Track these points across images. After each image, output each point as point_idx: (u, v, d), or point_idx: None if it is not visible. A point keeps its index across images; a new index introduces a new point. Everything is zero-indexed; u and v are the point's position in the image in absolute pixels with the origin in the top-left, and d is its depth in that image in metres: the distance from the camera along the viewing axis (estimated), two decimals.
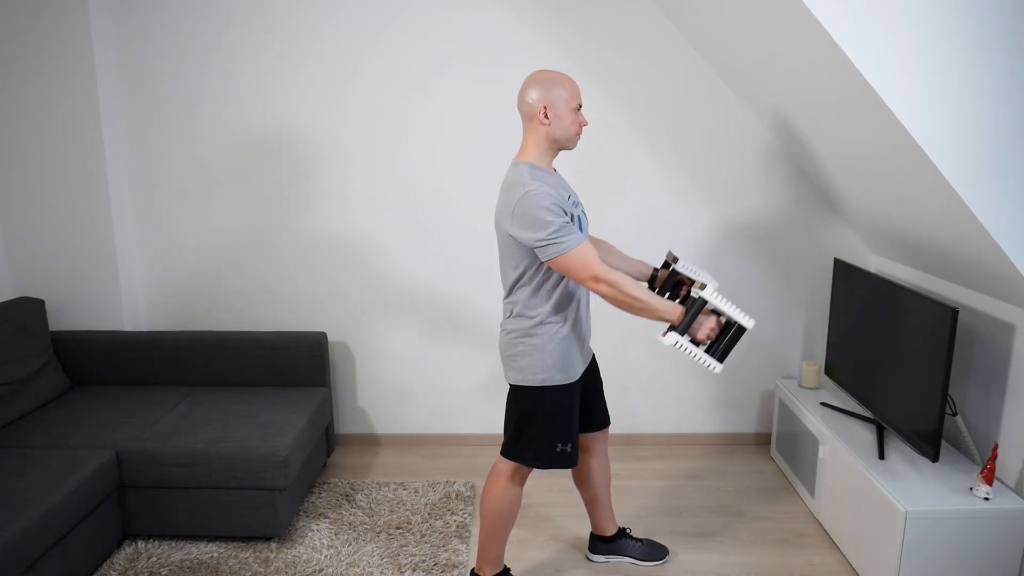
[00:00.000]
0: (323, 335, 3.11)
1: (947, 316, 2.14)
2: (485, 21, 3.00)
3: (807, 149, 2.85)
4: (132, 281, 3.22)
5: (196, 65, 3.05)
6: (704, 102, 3.09)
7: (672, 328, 1.91)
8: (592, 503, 2.43)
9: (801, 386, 3.12)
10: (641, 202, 3.18)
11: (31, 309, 2.93)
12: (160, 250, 3.23)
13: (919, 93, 1.87)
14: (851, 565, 2.46)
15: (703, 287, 1.91)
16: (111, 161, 3.05)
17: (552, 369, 2.04)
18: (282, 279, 3.26)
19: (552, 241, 1.85)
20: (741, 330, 1.91)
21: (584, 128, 2.14)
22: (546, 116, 1.93)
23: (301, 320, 3.29)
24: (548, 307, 2.01)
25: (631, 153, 3.14)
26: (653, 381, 3.36)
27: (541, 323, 2.01)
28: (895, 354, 2.46)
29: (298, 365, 3.07)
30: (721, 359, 1.91)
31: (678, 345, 1.88)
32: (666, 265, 2.27)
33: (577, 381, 2.10)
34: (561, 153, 2.10)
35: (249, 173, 3.16)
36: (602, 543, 2.48)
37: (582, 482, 2.40)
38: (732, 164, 3.15)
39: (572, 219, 1.93)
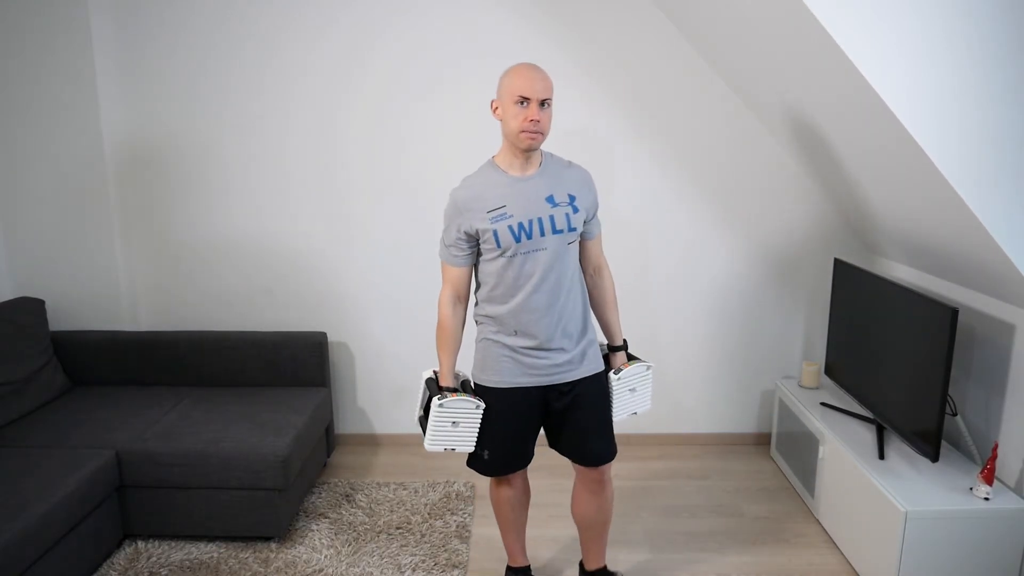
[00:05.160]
0: (323, 335, 3.11)
1: (947, 316, 2.14)
2: (485, 23, 3.00)
3: (806, 149, 2.85)
4: (132, 281, 3.22)
5: (196, 65, 3.05)
6: (704, 102, 3.09)
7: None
8: (579, 531, 2.28)
9: (801, 386, 3.12)
10: (641, 202, 3.18)
11: (31, 309, 2.93)
12: (160, 250, 3.23)
13: (919, 93, 1.87)
14: (851, 565, 2.46)
15: (441, 395, 2.00)
16: (111, 161, 3.05)
17: (478, 367, 2.07)
18: (282, 279, 3.26)
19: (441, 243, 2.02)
20: (423, 419, 2.06)
21: (533, 126, 1.84)
22: (496, 111, 1.91)
23: (301, 320, 3.29)
24: (480, 305, 2.05)
25: (631, 153, 3.14)
26: (652, 381, 3.35)
27: (477, 319, 2.08)
28: (895, 354, 2.46)
29: (298, 365, 3.07)
30: (424, 436, 2.02)
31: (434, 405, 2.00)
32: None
33: (521, 392, 2.00)
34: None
35: (249, 173, 3.16)
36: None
37: (572, 509, 2.27)
38: (732, 164, 3.14)
39: (471, 236, 1.92)
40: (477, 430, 2.02)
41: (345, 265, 3.24)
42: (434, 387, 2.05)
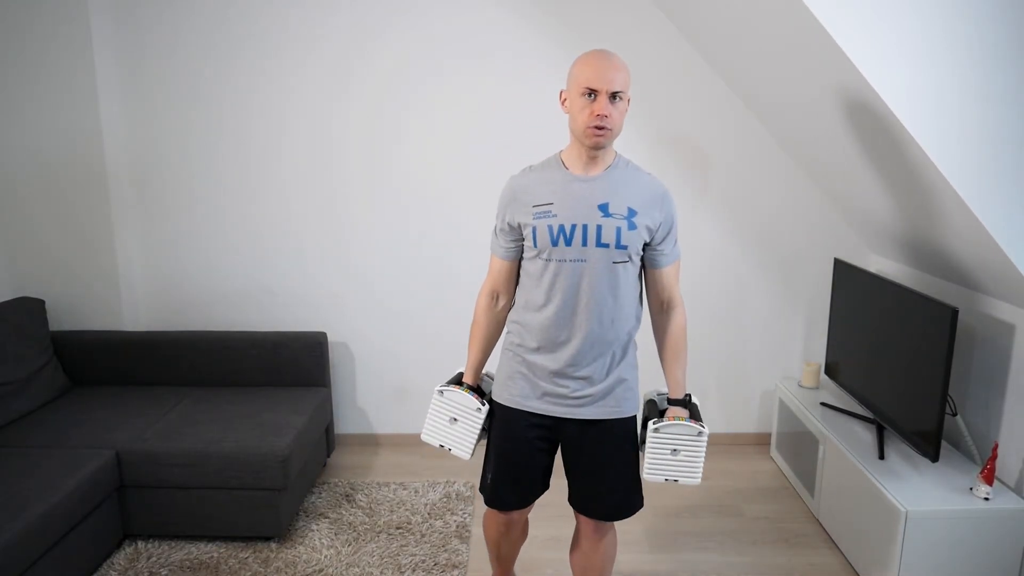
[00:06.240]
0: (323, 335, 3.11)
1: (947, 316, 2.14)
2: (485, 23, 3.00)
3: (807, 149, 2.85)
4: (132, 281, 3.22)
5: (196, 65, 3.05)
6: (704, 102, 3.09)
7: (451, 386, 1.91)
8: None
9: (801, 386, 3.12)
10: None
11: (31, 309, 2.93)
12: (160, 250, 3.23)
13: (919, 93, 1.87)
14: (851, 565, 2.46)
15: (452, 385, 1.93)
16: (111, 160, 3.05)
17: (497, 380, 1.90)
18: (282, 279, 3.26)
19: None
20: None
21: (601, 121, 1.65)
22: (564, 104, 1.74)
23: (301, 320, 3.29)
24: (515, 308, 1.88)
25: (629, 152, 3.12)
26: (652, 380, 3.35)
27: (508, 324, 1.90)
28: (895, 354, 2.46)
29: (298, 365, 3.07)
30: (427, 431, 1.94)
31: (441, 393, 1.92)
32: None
33: (530, 417, 1.83)
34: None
35: (249, 173, 3.16)
36: None
37: (569, 553, 2.07)
38: (732, 164, 3.15)
39: (514, 229, 1.78)
40: (475, 435, 1.88)
41: (345, 265, 3.24)
42: (455, 378, 1.96)
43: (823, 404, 2.91)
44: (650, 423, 1.83)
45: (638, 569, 2.47)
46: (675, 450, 1.82)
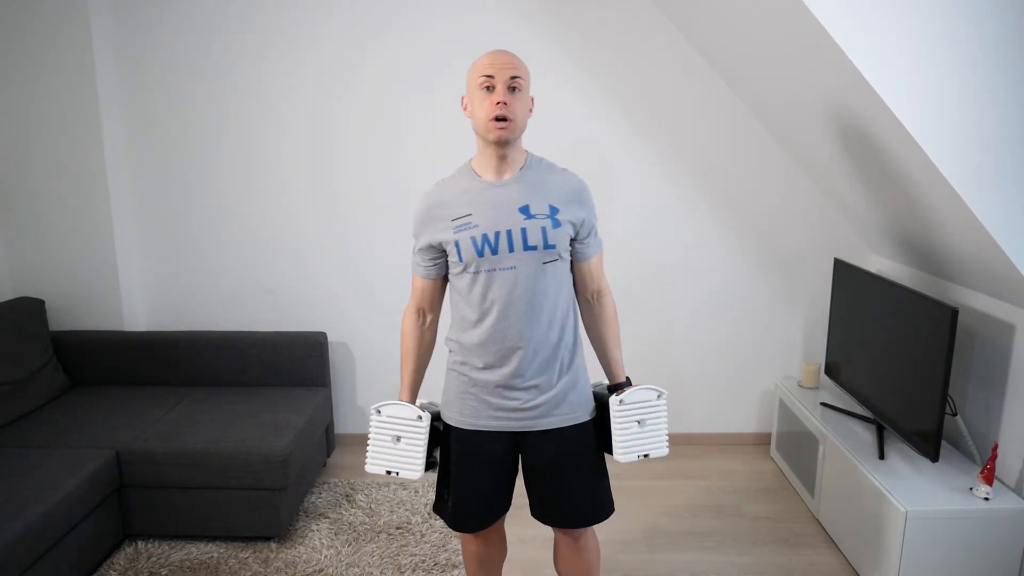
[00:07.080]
0: (323, 335, 3.11)
1: (947, 316, 2.14)
2: (485, 24, 3.00)
3: (806, 149, 2.85)
4: (132, 281, 3.22)
5: (196, 65, 3.05)
6: (704, 102, 3.09)
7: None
8: None
9: (801, 386, 3.12)
10: (641, 203, 3.18)
11: (31, 309, 2.93)
12: (160, 250, 3.23)
13: (919, 93, 1.87)
14: (851, 565, 2.46)
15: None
16: (111, 160, 3.05)
17: (443, 401, 1.83)
18: (282, 279, 3.26)
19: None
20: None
21: (499, 115, 1.61)
22: (466, 109, 1.70)
23: (301, 320, 3.29)
24: (451, 327, 1.80)
25: (631, 154, 3.14)
26: (652, 381, 3.35)
27: (447, 343, 1.82)
28: (895, 354, 2.46)
29: (298, 365, 3.07)
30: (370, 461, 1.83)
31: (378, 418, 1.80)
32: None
33: (485, 437, 1.76)
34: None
35: (249, 172, 3.16)
36: None
37: (553, 561, 2.00)
38: (732, 164, 3.15)
39: (433, 247, 1.71)
40: (422, 449, 1.76)
41: (345, 265, 3.24)
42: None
43: (823, 404, 2.91)
44: (612, 399, 1.77)
45: (638, 569, 2.47)
46: (640, 421, 1.77)
